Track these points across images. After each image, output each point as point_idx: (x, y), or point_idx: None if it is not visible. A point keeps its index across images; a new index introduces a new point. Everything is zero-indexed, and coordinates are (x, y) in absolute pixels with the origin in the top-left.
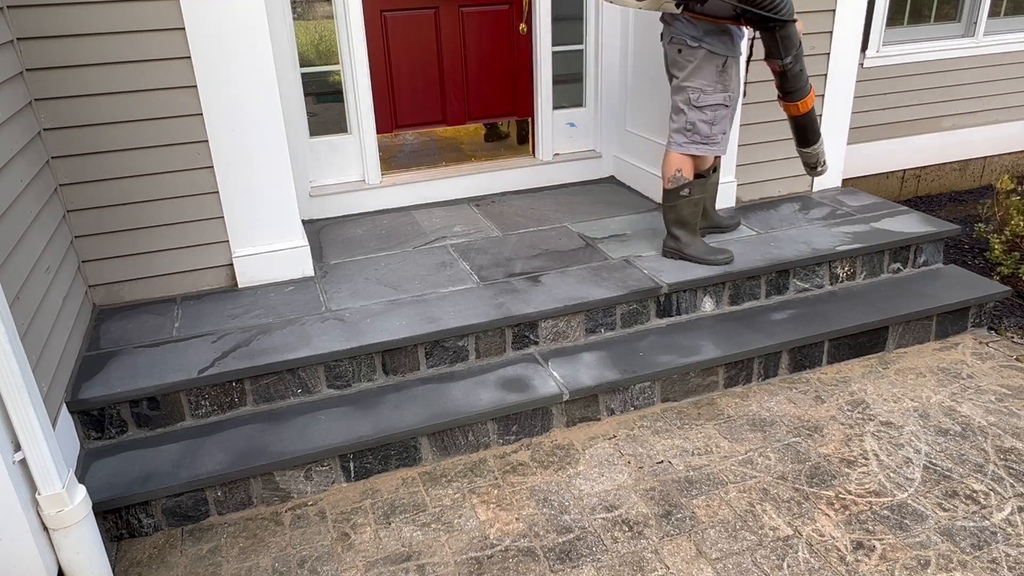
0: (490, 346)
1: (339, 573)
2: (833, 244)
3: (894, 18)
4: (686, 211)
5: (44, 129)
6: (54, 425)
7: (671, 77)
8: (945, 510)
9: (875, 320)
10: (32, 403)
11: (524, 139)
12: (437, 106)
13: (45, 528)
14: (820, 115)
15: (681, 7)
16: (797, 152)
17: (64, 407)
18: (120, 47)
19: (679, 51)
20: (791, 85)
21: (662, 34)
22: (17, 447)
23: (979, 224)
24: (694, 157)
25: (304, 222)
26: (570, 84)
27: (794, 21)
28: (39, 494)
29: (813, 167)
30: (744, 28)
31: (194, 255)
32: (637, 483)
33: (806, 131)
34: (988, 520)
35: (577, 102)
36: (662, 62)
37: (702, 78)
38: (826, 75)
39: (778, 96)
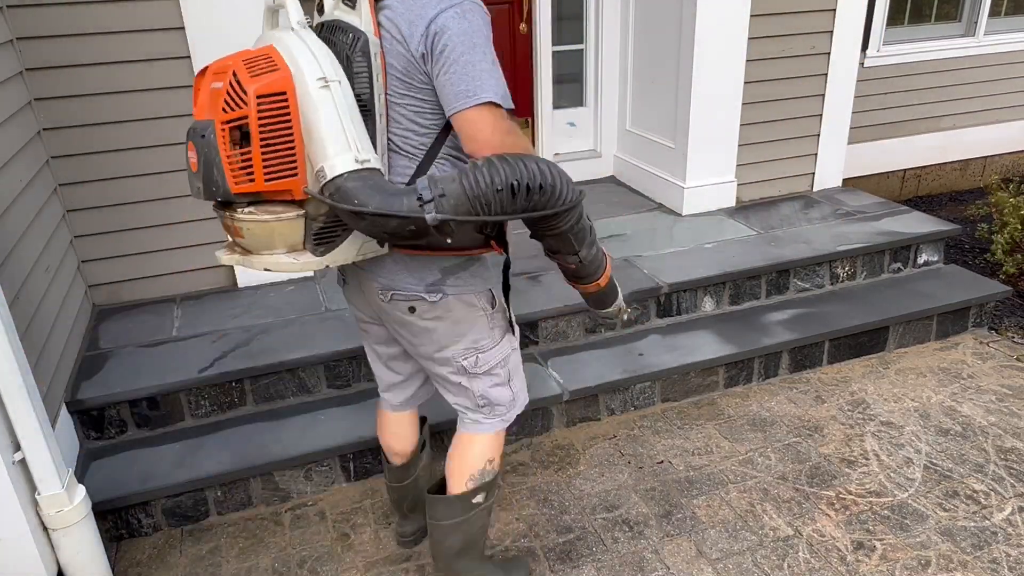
0: None
1: (339, 573)
2: (833, 244)
3: (894, 18)
4: None
5: (44, 129)
6: (54, 425)
7: None
8: (945, 510)
9: (875, 320)
10: (32, 403)
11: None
12: None
13: (45, 528)
14: (820, 115)
15: None
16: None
17: (64, 407)
18: (120, 47)
19: None
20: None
21: None
22: (17, 447)
23: (981, 225)
24: None
25: None
26: (570, 84)
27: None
28: (39, 494)
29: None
30: None
31: (194, 255)
32: (637, 483)
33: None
34: (988, 520)
35: (577, 102)
36: (662, 62)
37: None
38: (826, 75)
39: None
